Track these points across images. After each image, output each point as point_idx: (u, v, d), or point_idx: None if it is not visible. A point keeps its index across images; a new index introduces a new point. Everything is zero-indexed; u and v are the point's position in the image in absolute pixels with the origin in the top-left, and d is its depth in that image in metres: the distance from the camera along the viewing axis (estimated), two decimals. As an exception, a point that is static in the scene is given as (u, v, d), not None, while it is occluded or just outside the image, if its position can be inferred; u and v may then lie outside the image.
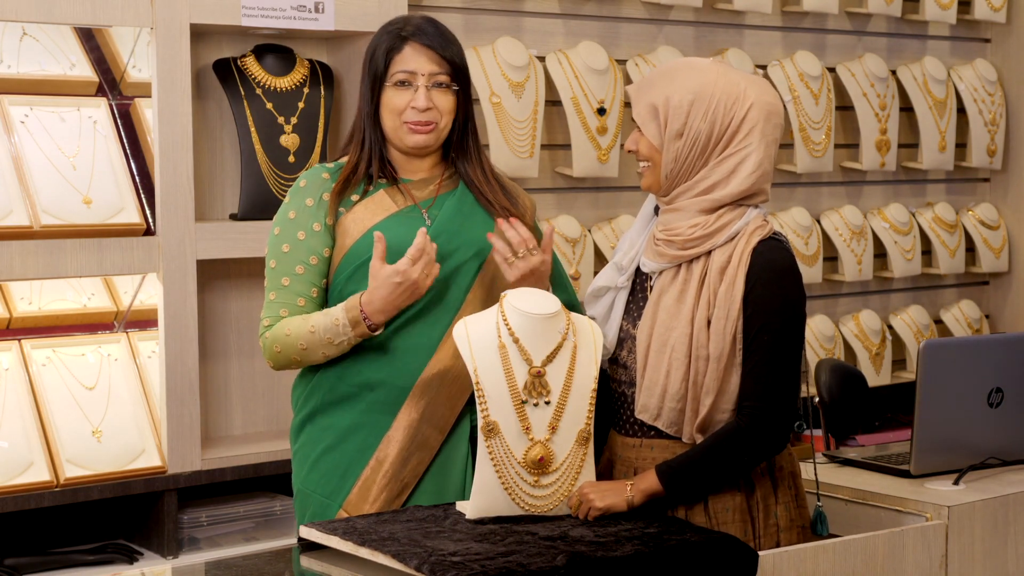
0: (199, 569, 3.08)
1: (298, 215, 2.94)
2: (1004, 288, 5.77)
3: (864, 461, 3.61)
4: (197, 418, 3.73)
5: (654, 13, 4.79)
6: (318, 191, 2.95)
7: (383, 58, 2.93)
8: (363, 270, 2.89)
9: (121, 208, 3.73)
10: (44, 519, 3.73)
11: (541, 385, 2.73)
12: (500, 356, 2.72)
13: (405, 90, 2.92)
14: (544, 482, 2.73)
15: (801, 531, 2.93)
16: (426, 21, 2.98)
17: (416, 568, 2.43)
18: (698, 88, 2.77)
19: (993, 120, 5.60)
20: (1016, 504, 3.32)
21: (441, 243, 2.91)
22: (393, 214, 2.94)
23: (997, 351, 3.52)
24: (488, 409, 2.70)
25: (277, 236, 2.95)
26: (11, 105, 3.71)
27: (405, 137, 2.94)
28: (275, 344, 2.91)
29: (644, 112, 2.80)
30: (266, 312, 2.94)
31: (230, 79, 3.91)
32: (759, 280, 2.75)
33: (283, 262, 2.93)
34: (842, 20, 5.29)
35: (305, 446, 2.99)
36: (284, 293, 2.92)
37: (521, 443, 2.72)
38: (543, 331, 2.74)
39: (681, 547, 2.56)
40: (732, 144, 2.79)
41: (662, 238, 2.83)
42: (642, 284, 2.89)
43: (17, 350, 3.69)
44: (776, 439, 2.81)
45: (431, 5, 4.31)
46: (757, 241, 2.77)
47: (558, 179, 4.61)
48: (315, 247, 2.92)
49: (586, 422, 2.76)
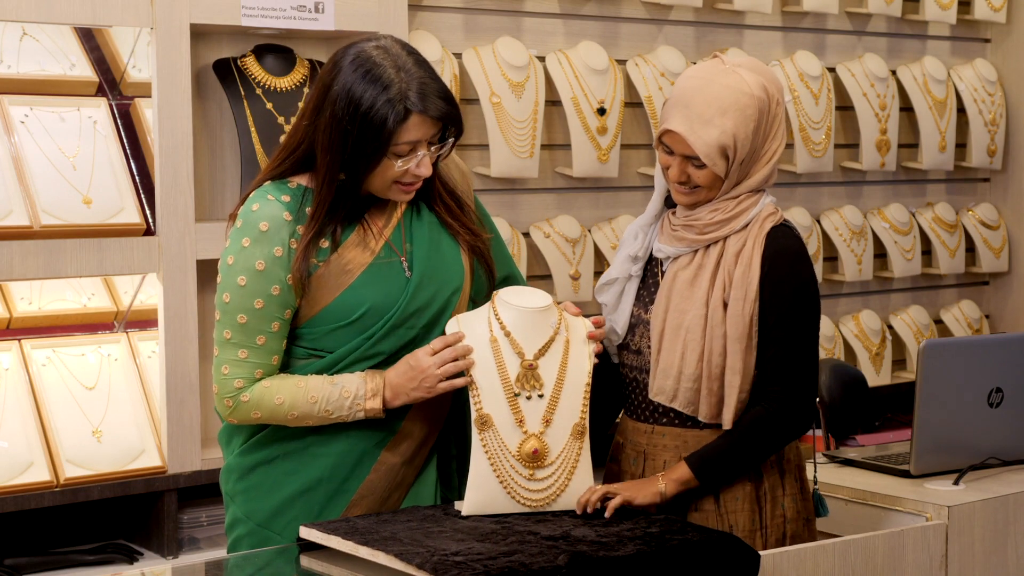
0: (199, 569, 3.07)
1: (268, 267, 2.65)
2: (1004, 288, 5.77)
3: (864, 461, 3.61)
4: (197, 418, 3.72)
5: (654, 13, 4.79)
6: (285, 237, 2.66)
7: (389, 130, 2.61)
8: (344, 328, 2.72)
9: (121, 208, 3.72)
10: (44, 519, 3.73)
11: (534, 378, 2.74)
12: (492, 350, 2.73)
13: (405, 158, 2.66)
14: (539, 476, 2.74)
15: (806, 523, 2.97)
16: (420, 69, 2.66)
17: (418, 567, 2.43)
18: (756, 113, 2.80)
19: (993, 120, 5.60)
20: (1016, 504, 3.32)
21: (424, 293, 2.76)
22: (370, 266, 2.73)
23: (997, 351, 3.53)
24: (481, 402, 2.72)
25: (244, 288, 2.66)
26: (11, 105, 3.71)
27: (393, 195, 2.72)
28: (255, 410, 2.70)
29: (714, 153, 2.79)
30: (236, 371, 2.69)
31: (230, 79, 3.91)
32: (774, 264, 2.82)
33: (257, 319, 2.67)
34: (842, 20, 5.29)
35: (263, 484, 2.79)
36: (258, 352, 2.69)
37: (515, 436, 2.73)
38: (534, 325, 2.76)
39: (683, 547, 2.56)
40: (767, 143, 2.87)
41: (680, 224, 2.88)
42: (653, 271, 2.95)
43: (17, 350, 3.69)
44: (803, 421, 2.86)
45: (431, 5, 4.31)
46: (770, 227, 2.84)
47: (558, 179, 4.61)
48: (289, 301, 2.69)
49: (581, 416, 2.77)
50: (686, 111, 2.81)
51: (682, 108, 2.81)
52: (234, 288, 2.67)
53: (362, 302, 2.72)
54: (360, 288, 2.72)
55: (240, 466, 2.82)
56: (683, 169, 2.83)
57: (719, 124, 2.78)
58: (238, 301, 2.67)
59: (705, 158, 2.79)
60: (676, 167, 2.83)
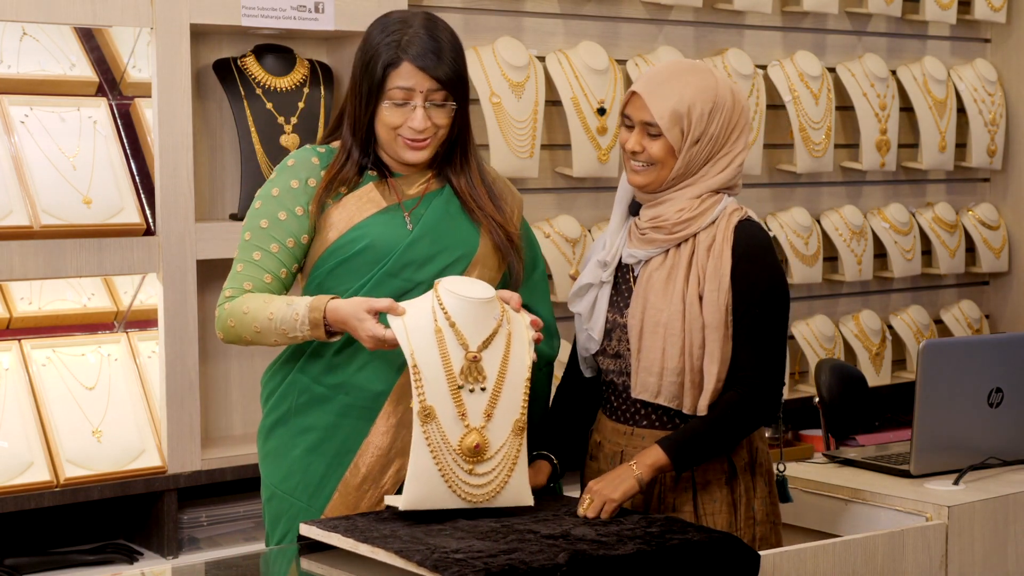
0: (199, 569, 3.08)
1: (281, 194, 2.90)
2: (1004, 288, 5.77)
3: (864, 461, 3.61)
4: (197, 418, 3.72)
5: (654, 13, 4.79)
6: (305, 174, 2.91)
7: (380, 72, 2.86)
8: (345, 266, 2.88)
9: (121, 208, 3.72)
10: (44, 519, 3.73)
11: (477, 370, 2.73)
12: (436, 340, 2.71)
13: (401, 108, 2.87)
14: (480, 471, 2.71)
15: (773, 526, 3.04)
16: (426, 31, 2.88)
17: (419, 564, 2.43)
18: (714, 95, 2.93)
19: (993, 120, 5.60)
20: (1016, 504, 3.32)
21: (425, 246, 2.90)
22: (380, 211, 2.91)
23: (997, 351, 3.53)
24: (424, 393, 2.68)
25: (257, 210, 2.90)
26: (11, 105, 3.71)
27: (400, 152, 2.91)
28: (230, 318, 2.86)
29: (668, 117, 2.90)
30: (230, 283, 2.89)
31: (230, 79, 3.91)
32: (743, 255, 2.90)
33: (259, 236, 2.89)
34: (842, 20, 5.29)
35: (279, 448, 2.94)
36: (252, 267, 2.88)
37: (457, 429, 2.70)
38: (479, 316, 2.74)
39: (683, 547, 2.56)
40: (728, 144, 2.96)
41: (648, 226, 2.97)
42: (624, 277, 3.02)
43: (17, 350, 3.69)
44: (769, 406, 2.93)
45: (431, 5, 4.31)
46: (737, 220, 2.94)
47: (558, 179, 4.61)
48: (294, 230, 2.89)
49: (521, 412, 2.77)
50: (650, 79, 2.96)
51: (648, 78, 2.96)
52: (251, 213, 2.93)
53: (363, 237, 2.88)
54: (365, 227, 2.89)
55: (263, 428, 2.99)
56: (639, 140, 2.94)
57: (677, 92, 2.91)
58: (249, 221, 2.92)
59: (659, 119, 2.89)
60: (633, 137, 2.95)
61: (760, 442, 3.04)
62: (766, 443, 3.06)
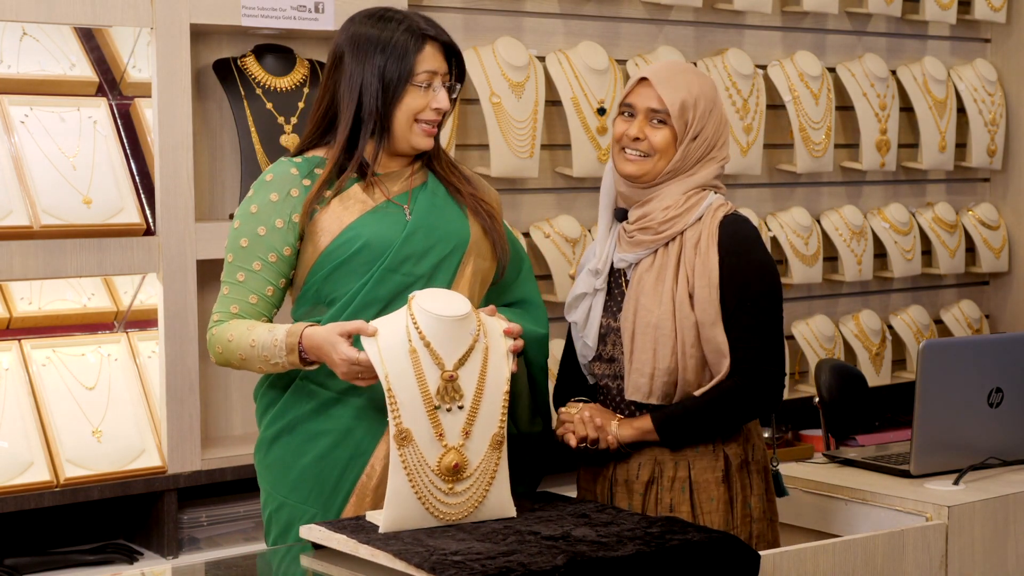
0: (199, 569, 3.08)
1: (260, 210, 2.87)
2: (1004, 288, 5.77)
3: (864, 461, 3.61)
4: (197, 418, 3.72)
5: (654, 13, 4.79)
6: (285, 187, 2.88)
7: (410, 57, 2.86)
8: (342, 270, 2.87)
9: (121, 208, 3.72)
10: (44, 519, 3.73)
11: (454, 390, 2.69)
12: (411, 361, 2.66)
13: (424, 91, 2.89)
14: (458, 489, 2.69)
15: (770, 523, 3.06)
16: (419, 17, 2.94)
17: (417, 567, 2.43)
18: (714, 98, 3.01)
19: (993, 120, 5.60)
20: (1016, 504, 3.32)
21: (420, 239, 2.89)
22: (370, 210, 2.90)
23: (997, 351, 3.53)
24: (400, 417, 2.64)
25: (237, 230, 2.89)
26: (11, 105, 3.71)
27: (415, 139, 2.92)
28: (217, 345, 2.87)
29: (678, 105, 2.96)
30: (218, 306, 2.89)
31: (230, 79, 3.91)
32: (730, 250, 2.94)
33: (240, 257, 2.87)
34: (842, 20, 5.29)
35: (284, 458, 2.91)
36: (238, 289, 2.87)
37: (434, 450, 2.66)
38: (454, 334, 2.69)
39: (683, 547, 2.56)
40: (715, 148, 3.02)
41: (636, 228, 3.00)
42: (617, 281, 3.05)
43: (17, 350, 3.69)
44: (771, 396, 2.95)
45: (431, 5, 4.31)
46: (722, 216, 2.97)
47: (558, 179, 4.61)
48: (275, 244, 2.87)
49: (499, 426, 2.73)
50: (659, 69, 3.02)
51: (656, 68, 3.02)
52: (231, 234, 2.90)
53: (359, 237, 2.86)
54: (358, 227, 2.87)
55: (264, 440, 2.95)
56: (642, 127, 2.98)
57: (686, 84, 2.98)
58: (231, 243, 2.90)
59: (670, 105, 2.94)
60: (636, 125, 2.98)
61: (757, 439, 3.05)
62: (763, 441, 3.08)
